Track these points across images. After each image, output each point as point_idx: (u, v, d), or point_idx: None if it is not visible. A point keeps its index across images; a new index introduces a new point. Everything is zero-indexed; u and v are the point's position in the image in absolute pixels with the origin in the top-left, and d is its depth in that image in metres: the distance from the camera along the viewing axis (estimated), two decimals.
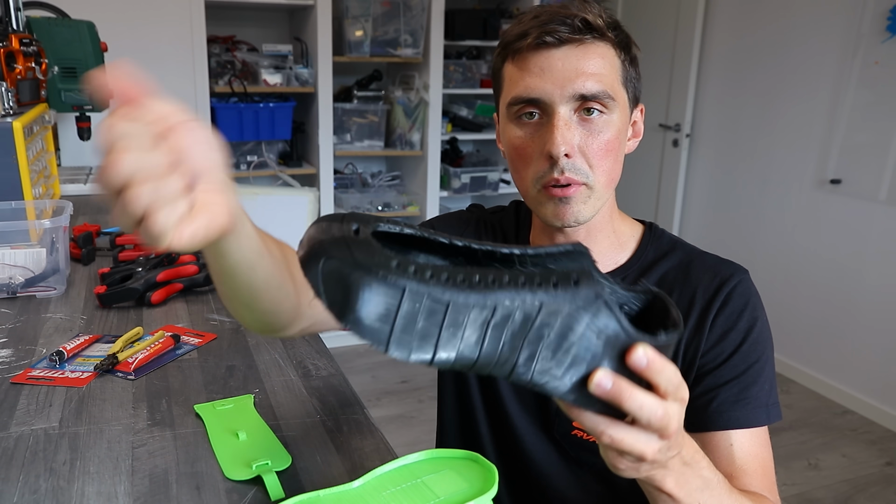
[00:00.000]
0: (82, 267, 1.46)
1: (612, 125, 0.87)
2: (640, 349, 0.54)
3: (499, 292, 0.51)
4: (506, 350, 0.52)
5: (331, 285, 0.50)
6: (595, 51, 0.85)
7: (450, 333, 0.51)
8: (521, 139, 0.89)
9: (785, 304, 3.47)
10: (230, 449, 0.81)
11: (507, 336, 0.52)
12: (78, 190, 2.16)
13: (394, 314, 0.49)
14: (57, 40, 2.01)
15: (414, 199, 4.05)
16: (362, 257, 0.50)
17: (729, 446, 0.86)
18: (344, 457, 0.82)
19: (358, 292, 0.49)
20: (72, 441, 0.82)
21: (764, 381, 0.88)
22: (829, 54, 3.16)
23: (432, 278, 0.50)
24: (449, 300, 0.50)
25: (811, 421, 3.10)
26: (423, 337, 0.50)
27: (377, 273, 0.49)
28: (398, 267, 0.50)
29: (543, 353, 0.53)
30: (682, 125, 3.94)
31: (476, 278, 0.51)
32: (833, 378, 3.29)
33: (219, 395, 0.94)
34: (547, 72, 0.85)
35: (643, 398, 0.55)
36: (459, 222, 1.08)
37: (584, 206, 0.88)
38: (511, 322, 0.52)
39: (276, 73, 3.50)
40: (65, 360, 1.02)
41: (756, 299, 0.91)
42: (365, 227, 0.53)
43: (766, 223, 3.55)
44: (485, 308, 0.51)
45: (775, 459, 0.90)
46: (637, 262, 0.96)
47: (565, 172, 0.85)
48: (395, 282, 0.49)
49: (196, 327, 1.17)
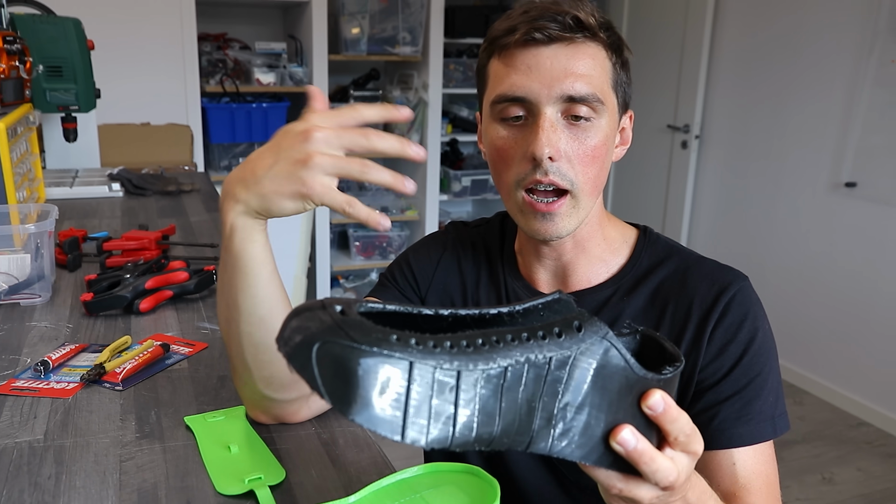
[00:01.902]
0: (68, 273, 1.46)
1: (600, 130, 0.86)
2: (658, 394, 0.55)
3: (505, 352, 0.50)
4: (524, 415, 0.52)
5: (328, 373, 0.47)
6: (585, 51, 0.85)
7: (466, 407, 0.49)
8: (503, 140, 0.88)
9: (798, 312, 3.47)
10: (222, 462, 0.82)
11: (523, 399, 0.51)
12: (64, 193, 2.16)
13: (405, 396, 0.47)
14: (42, 38, 2.02)
15: (412, 204, 4.05)
16: (359, 336, 0.47)
17: (732, 465, 0.86)
18: (340, 470, 0.82)
19: (362, 376, 0.46)
20: (57, 454, 0.83)
21: (768, 394, 0.87)
22: (843, 52, 3.17)
23: (436, 348, 0.48)
24: (458, 369, 0.49)
25: (825, 433, 3.09)
26: (439, 415, 0.48)
27: (380, 352, 0.46)
28: (399, 341, 0.47)
29: (560, 411, 0.53)
30: (691, 126, 3.95)
31: (479, 341, 0.50)
32: (848, 389, 3.29)
33: (210, 407, 0.95)
34: (534, 70, 0.84)
35: (660, 463, 0.56)
36: (436, 245, 1.08)
37: (569, 219, 0.87)
38: (524, 382, 0.51)
39: (270, 72, 3.51)
40: (50, 370, 1.02)
41: (757, 308, 0.90)
42: (349, 307, 0.51)
43: (779, 228, 3.55)
44: (496, 371, 0.50)
45: (787, 473, 0.90)
46: (631, 271, 0.95)
47: (549, 175, 0.84)
48: (400, 358, 0.47)
49: (186, 336, 1.17)
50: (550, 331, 0.53)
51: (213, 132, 3.52)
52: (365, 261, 4.02)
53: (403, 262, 1.08)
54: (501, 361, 0.50)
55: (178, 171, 2.81)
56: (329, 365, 0.47)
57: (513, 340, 0.51)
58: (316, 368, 0.48)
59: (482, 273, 1.04)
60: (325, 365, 0.47)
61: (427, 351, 0.48)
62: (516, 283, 1.01)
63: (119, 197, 2.23)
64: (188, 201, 2.19)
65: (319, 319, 0.49)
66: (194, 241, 1.72)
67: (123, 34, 3.20)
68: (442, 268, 1.06)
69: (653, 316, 0.92)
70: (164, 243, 1.58)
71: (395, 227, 4.11)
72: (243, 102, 3.51)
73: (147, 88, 3.31)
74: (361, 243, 4.00)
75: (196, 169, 3.16)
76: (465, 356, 0.49)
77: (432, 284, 1.05)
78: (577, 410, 0.54)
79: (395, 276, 1.07)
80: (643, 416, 0.57)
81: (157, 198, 2.24)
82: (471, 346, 0.50)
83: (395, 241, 4.04)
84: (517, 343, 0.51)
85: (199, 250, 1.62)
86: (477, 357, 0.49)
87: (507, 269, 1.02)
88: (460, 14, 3.77)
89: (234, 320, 0.81)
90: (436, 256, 1.07)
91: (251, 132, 3.55)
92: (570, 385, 0.53)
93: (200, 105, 3.44)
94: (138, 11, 3.22)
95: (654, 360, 0.61)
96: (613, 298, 0.94)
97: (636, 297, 0.93)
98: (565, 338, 0.53)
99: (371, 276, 4.14)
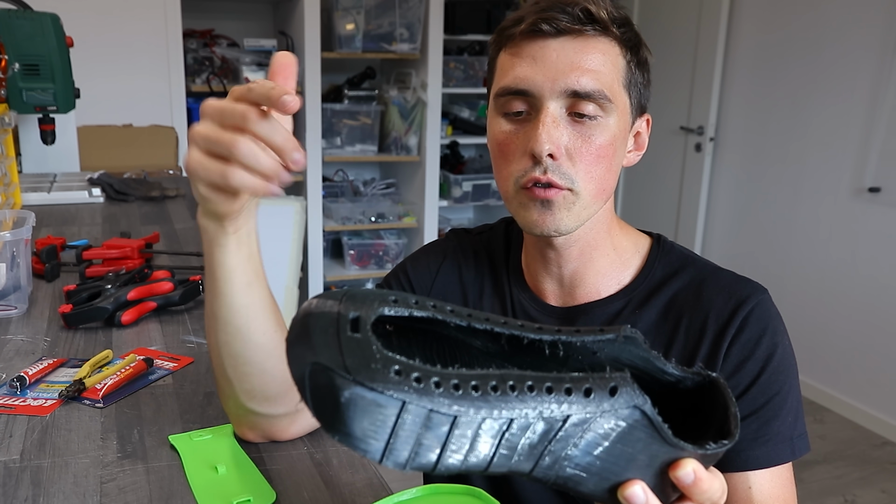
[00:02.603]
0: (46, 284, 1.46)
1: (607, 130, 0.86)
2: (690, 466, 0.54)
3: (517, 402, 0.48)
4: (523, 459, 0.51)
5: (318, 394, 0.48)
6: (595, 45, 0.85)
7: (456, 446, 0.48)
8: (504, 134, 0.89)
9: (818, 325, 3.48)
10: (208, 484, 0.82)
11: (525, 446, 0.50)
12: (41, 199, 2.17)
13: (390, 430, 0.47)
14: (18, 35, 2.03)
15: (411, 210, 4.06)
16: (354, 364, 0.47)
17: (747, 489, 0.86)
18: (333, 492, 0.82)
19: (348, 409, 0.46)
20: (34, 475, 0.83)
21: (787, 414, 0.87)
22: (867, 49, 3.18)
23: (438, 387, 0.47)
24: (456, 414, 0.47)
25: (847, 453, 3.09)
26: (426, 449, 0.48)
27: (373, 387, 0.46)
28: (398, 375, 0.46)
29: (567, 463, 0.51)
30: (706, 128, 3.96)
31: (492, 384, 0.48)
32: (871, 406, 3.29)
33: (196, 425, 0.95)
34: (539, 62, 0.84)
35: None
36: (435, 254, 1.08)
37: (568, 213, 0.87)
38: (530, 432, 0.49)
39: (259, 70, 3.52)
40: (27, 385, 1.02)
41: (776, 322, 0.90)
42: (367, 312, 0.49)
43: (798, 235, 3.56)
44: (499, 419, 0.48)
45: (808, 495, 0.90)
46: (643, 282, 0.95)
47: (548, 173, 0.84)
48: (392, 395, 0.46)
49: (171, 350, 1.17)
50: (579, 388, 0.50)
51: None
52: (360, 270, 4.02)
53: (400, 272, 1.08)
54: (508, 413, 0.48)
55: (162, 175, 2.81)
56: (320, 387, 0.48)
57: (531, 390, 0.49)
58: (308, 385, 0.48)
59: (486, 283, 1.04)
60: (316, 386, 0.48)
61: (426, 390, 0.47)
62: (522, 294, 1.01)
63: (100, 203, 2.23)
64: (173, 207, 2.19)
65: (324, 331, 0.49)
66: (179, 249, 1.72)
67: (104, 30, 3.21)
68: (441, 278, 1.06)
69: (666, 330, 0.92)
70: (147, 252, 1.59)
71: (393, 234, 4.12)
72: None
73: (129, 88, 3.32)
74: (356, 252, 4.00)
75: (181, 173, 3.16)
76: (469, 401, 0.47)
77: (431, 294, 1.05)
78: (587, 463, 0.52)
79: (391, 286, 1.07)
80: (666, 477, 0.55)
81: (140, 204, 2.24)
82: (480, 389, 0.48)
83: (392, 250, 4.05)
84: (535, 394, 0.49)
85: (185, 259, 1.63)
86: (482, 404, 0.48)
87: (513, 280, 1.02)
88: (461, 9, 3.78)
89: (212, 329, 0.82)
90: (434, 265, 1.07)
91: None
92: (585, 442, 0.51)
93: (186, 105, 3.45)
94: (120, 6, 3.23)
95: (708, 407, 0.58)
96: (625, 311, 0.94)
97: (648, 310, 0.93)
98: (594, 399, 0.50)
99: (366, 286, 4.15)
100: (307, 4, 3.42)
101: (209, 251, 0.78)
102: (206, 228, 0.76)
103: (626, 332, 0.56)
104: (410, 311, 0.53)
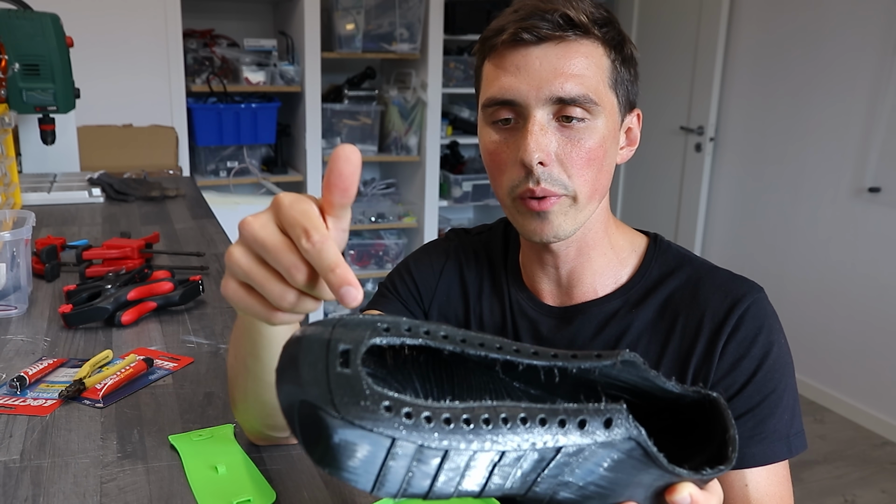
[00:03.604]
0: (46, 284, 1.46)
1: (596, 132, 0.86)
2: (686, 490, 0.54)
3: (510, 435, 0.48)
4: (516, 487, 0.51)
5: (307, 432, 0.48)
6: (578, 50, 0.85)
7: (447, 477, 0.48)
8: (495, 144, 0.89)
9: (818, 325, 3.48)
10: (208, 484, 0.82)
11: (517, 476, 0.50)
12: (41, 199, 2.17)
13: (380, 465, 0.47)
14: (18, 34, 2.03)
15: (411, 210, 4.06)
16: (343, 402, 0.46)
17: (744, 487, 0.86)
18: (333, 492, 0.82)
19: (338, 448, 0.47)
20: (34, 475, 0.83)
21: (783, 412, 0.87)
22: (867, 48, 3.18)
23: (430, 422, 0.47)
24: (447, 448, 0.47)
25: (847, 453, 3.09)
26: (417, 480, 0.48)
27: (362, 425, 0.46)
28: (388, 411, 0.46)
29: (562, 489, 0.52)
30: (706, 128, 3.96)
31: (484, 417, 0.48)
32: (871, 406, 3.29)
33: (196, 425, 0.95)
34: (523, 71, 0.85)
35: None
36: (438, 254, 1.09)
37: (565, 218, 0.88)
38: (522, 462, 0.49)
39: (259, 70, 3.52)
40: (27, 386, 1.02)
41: (772, 321, 0.90)
42: (357, 344, 0.49)
43: (798, 236, 3.56)
44: (491, 451, 0.48)
45: (808, 495, 0.90)
46: (640, 281, 0.96)
47: (541, 183, 0.85)
48: (381, 432, 0.46)
49: (171, 350, 1.17)
50: (574, 419, 0.50)
51: (200, 134, 3.52)
52: (360, 270, 4.02)
53: (405, 271, 1.08)
54: (500, 446, 0.48)
55: (162, 175, 2.81)
56: (308, 424, 0.48)
57: (524, 422, 0.49)
58: (297, 420, 0.48)
59: (485, 283, 1.04)
60: (305, 423, 0.48)
61: (417, 426, 0.46)
62: (520, 294, 1.01)
63: (100, 203, 2.23)
64: (173, 207, 2.19)
65: (313, 366, 0.48)
66: (179, 249, 1.72)
67: (104, 30, 3.21)
68: (445, 277, 1.06)
69: (662, 329, 0.93)
70: (147, 252, 1.59)
71: (393, 234, 4.12)
72: (231, 103, 3.52)
73: (129, 88, 3.32)
74: (356, 252, 4.00)
75: (181, 173, 3.16)
76: (460, 435, 0.47)
77: (436, 295, 1.06)
78: (582, 489, 0.52)
79: (396, 286, 1.07)
80: (662, 499, 0.55)
81: (140, 204, 2.24)
82: (472, 423, 0.48)
83: (392, 250, 4.05)
84: (528, 426, 0.49)
85: (185, 259, 1.63)
86: (473, 437, 0.47)
87: (511, 280, 1.03)
88: (461, 9, 3.78)
89: (239, 375, 0.80)
90: (438, 265, 1.07)
91: (239, 134, 3.55)
92: (580, 471, 0.51)
93: (186, 105, 3.45)
94: (120, 6, 3.23)
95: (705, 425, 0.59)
96: (621, 311, 0.95)
97: (645, 310, 0.94)
98: (588, 430, 0.50)
99: (367, 286, 4.15)
100: (307, 4, 3.42)
101: (249, 320, 0.71)
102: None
103: (625, 356, 0.56)
104: (402, 339, 0.52)
